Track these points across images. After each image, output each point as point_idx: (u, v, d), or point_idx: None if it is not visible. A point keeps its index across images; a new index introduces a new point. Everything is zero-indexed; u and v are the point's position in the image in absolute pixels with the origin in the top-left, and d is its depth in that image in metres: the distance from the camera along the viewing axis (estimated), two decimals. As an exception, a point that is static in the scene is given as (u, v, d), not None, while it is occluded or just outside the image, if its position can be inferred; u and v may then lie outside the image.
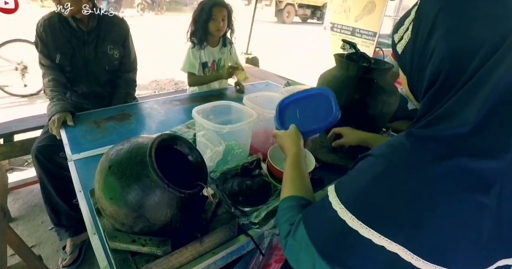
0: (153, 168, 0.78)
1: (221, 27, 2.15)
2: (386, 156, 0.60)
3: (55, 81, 1.83)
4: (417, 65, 0.63)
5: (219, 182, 1.12)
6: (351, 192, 0.62)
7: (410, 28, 0.64)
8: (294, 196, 0.82)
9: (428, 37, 0.59)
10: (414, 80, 0.66)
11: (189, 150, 0.93)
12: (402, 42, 0.67)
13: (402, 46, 0.67)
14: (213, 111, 1.28)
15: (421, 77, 0.63)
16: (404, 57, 0.67)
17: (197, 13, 2.15)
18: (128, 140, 0.93)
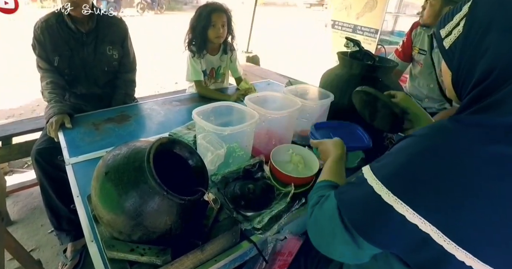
0: (151, 174, 0.75)
1: (221, 33, 2.06)
2: (428, 136, 0.60)
3: (54, 84, 1.80)
4: (467, 61, 0.63)
5: (220, 185, 1.09)
6: (389, 169, 0.61)
7: (462, 23, 0.64)
8: (331, 180, 0.86)
9: (484, 33, 0.59)
10: (461, 76, 0.65)
11: (189, 154, 0.90)
12: (451, 37, 0.66)
13: (450, 41, 0.66)
14: (214, 112, 1.25)
15: (470, 72, 0.62)
16: (451, 52, 0.66)
17: (195, 19, 2.06)
18: (126, 144, 0.90)
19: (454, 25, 0.66)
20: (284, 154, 1.26)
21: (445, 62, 0.70)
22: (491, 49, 0.57)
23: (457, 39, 0.64)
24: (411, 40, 2.32)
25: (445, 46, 0.68)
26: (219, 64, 2.27)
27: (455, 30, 0.65)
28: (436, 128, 0.61)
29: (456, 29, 0.65)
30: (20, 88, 4.80)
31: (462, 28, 0.63)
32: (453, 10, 0.68)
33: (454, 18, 0.67)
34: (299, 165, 1.24)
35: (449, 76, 0.69)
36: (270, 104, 1.45)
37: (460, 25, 0.64)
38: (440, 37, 0.69)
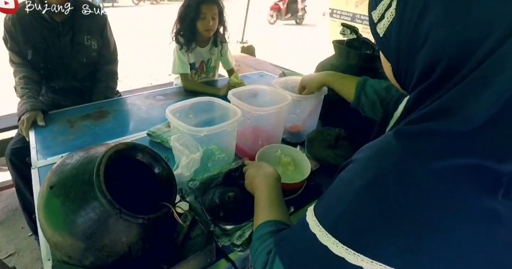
0: (101, 190, 0.62)
1: (211, 26, 1.89)
2: (373, 160, 0.49)
3: (27, 79, 1.66)
4: (405, 51, 0.52)
5: (198, 193, 0.96)
6: (332, 210, 0.51)
7: (394, 4, 0.52)
8: (272, 220, 0.70)
9: (419, 18, 0.47)
10: (401, 69, 0.55)
11: (154, 161, 0.77)
12: (384, 21, 0.54)
13: (384, 27, 0.55)
14: (193, 109, 1.11)
15: (411, 65, 0.52)
16: (387, 40, 0.55)
17: (183, 10, 1.89)
18: (81, 150, 0.77)
19: (386, 6, 0.53)
20: (272, 156, 1.13)
21: (382, 52, 0.59)
22: (429, 37, 0.46)
23: (391, 24, 0.53)
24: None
25: (379, 33, 0.56)
26: (209, 57, 2.12)
27: (387, 12, 0.53)
28: (381, 149, 0.49)
29: (389, 11, 0.53)
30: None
31: (395, 10, 0.51)
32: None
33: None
34: (289, 167, 1.12)
35: (389, 67, 0.59)
36: (258, 98, 1.32)
37: (392, 6, 0.52)
38: (373, 21, 0.57)
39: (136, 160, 0.77)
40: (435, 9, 0.45)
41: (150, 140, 1.35)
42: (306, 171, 1.05)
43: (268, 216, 0.72)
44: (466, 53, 0.43)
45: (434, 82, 0.47)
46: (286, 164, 1.10)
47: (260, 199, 0.79)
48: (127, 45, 6.85)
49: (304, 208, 1.02)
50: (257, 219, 0.74)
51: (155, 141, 1.33)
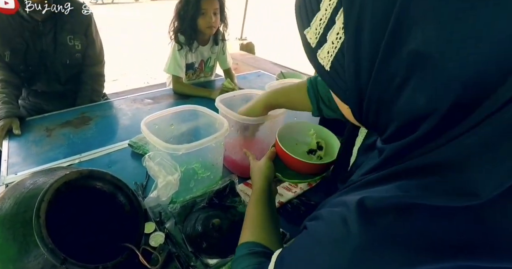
0: (40, 236, 0.49)
1: (213, 23, 1.72)
2: (324, 249, 0.37)
3: (4, 82, 1.54)
4: (373, 95, 0.35)
5: (178, 218, 0.84)
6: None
7: (339, 20, 0.34)
8: (251, 242, 0.63)
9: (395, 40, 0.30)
10: (368, 116, 0.38)
11: (118, 190, 0.64)
12: (327, 47, 0.36)
13: (329, 56, 0.37)
14: (175, 119, 0.98)
15: (384, 114, 0.36)
16: (337, 75, 0.37)
17: (182, 6, 1.72)
18: (33, 175, 0.64)
19: (326, 21, 0.36)
20: (301, 134, 0.98)
21: (331, 90, 0.41)
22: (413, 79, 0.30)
23: (339, 51, 0.35)
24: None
25: (323, 65, 0.38)
26: (210, 55, 1.97)
27: (330, 33, 0.36)
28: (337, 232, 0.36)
29: (332, 31, 0.35)
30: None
31: (342, 29, 0.34)
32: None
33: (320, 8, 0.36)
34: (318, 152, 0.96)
35: (346, 107, 0.42)
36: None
37: (337, 23, 0.34)
38: (308, 44, 0.40)
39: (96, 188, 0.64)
40: (425, 23, 0.28)
41: (132, 151, 1.22)
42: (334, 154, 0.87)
43: (251, 236, 0.65)
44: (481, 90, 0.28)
45: (424, 135, 0.32)
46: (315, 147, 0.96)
47: (248, 213, 0.72)
48: (126, 42, 6.72)
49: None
50: (241, 236, 0.68)
51: (136, 152, 1.20)
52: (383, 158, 0.38)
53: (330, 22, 0.35)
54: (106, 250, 0.60)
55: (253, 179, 0.81)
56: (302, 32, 0.40)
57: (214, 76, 2.16)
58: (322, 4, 0.36)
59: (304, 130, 0.98)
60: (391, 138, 0.37)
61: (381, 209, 0.32)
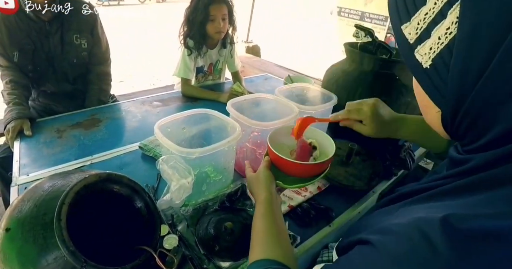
0: (62, 239, 0.50)
1: (222, 28, 1.75)
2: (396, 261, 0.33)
3: (14, 83, 1.55)
4: (480, 95, 0.32)
5: (190, 221, 0.85)
6: None
7: (453, 14, 0.32)
8: (265, 260, 0.58)
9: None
10: (464, 119, 0.36)
11: (135, 193, 0.65)
12: (430, 44, 0.35)
13: (432, 53, 0.35)
14: (187, 122, 0.99)
15: (487, 116, 0.33)
16: (436, 73, 0.35)
17: (191, 12, 1.74)
18: (50, 178, 0.65)
19: (434, 16, 0.34)
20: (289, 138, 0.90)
21: (422, 87, 0.39)
22: None
23: (447, 48, 0.34)
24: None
25: (421, 61, 0.36)
26: (218, 58, 1.99)
27: (438, 29, 0.34)
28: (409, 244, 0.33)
29: (441, 26, 0.34)
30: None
31: (456, 25, 0.32)
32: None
33: (427, 2, 0.35)
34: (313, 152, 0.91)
35: (435, 111, 0.39)
36: (261, 108, 1.19)
37: (449, 18, 0.33)
38: (405, 40, 0.38)
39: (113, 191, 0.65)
40: None
41: (143, 154, 1.23)
42: (330, 152, 0.83)
43: (263, 253, 0.60)
44: None
45: None
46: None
47: (255, 228, 0.67)
48: (132, 44, 6.76)
49: (313, 237, 0.90)
50: (251, 253, 0.63)
51: (147, 154, 1.21)
52: (470, 167, 0.36)
53: (439, 17, 0.34)
54: (123, 253, 0.61)
55: (254, 191, 0.76)
56: (399, 27, 0.38)
57: (223, 79, 2.17)
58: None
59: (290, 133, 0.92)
60: (484, 147, 0.35)
61: (470, 230, 0.30)
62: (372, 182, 1.07)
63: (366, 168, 1.12)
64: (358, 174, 1.09)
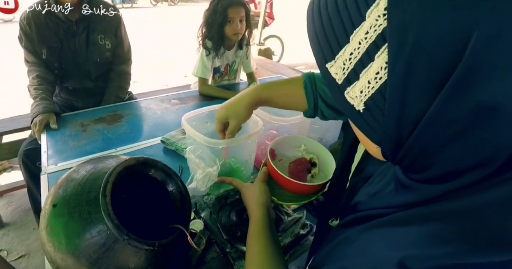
0: (107, 213, 0.55)
1: (239, 30, 1.82)
2: None
3: (41, 79, 1.63)
4: (416, 141, 0.30)
5: (213, 209, 0.89)
6: None
7: (379, 59, 0.29)
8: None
9: (463, 91, 0.25)
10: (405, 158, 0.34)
11: (168, 177, 0.70)
12: (360, 86, 0.31)
13: (363, 96, 0.31)
14: (210, 117, 1.04)
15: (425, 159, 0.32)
16: (371, 116, 0.32)
17: (210, 15, 1.81)
18: (89, 162, 0.70)
19: (359, 57, 0.30)
20: (291, 150, 0.93)
21: (362, 131, 0.36)
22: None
23: (378, 93, 0.30)
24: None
25: (353, 104, 0.33)
26: (234, 59, 2.06)
27: (367, 71, 0.30)
28: None
29: (369, 68, 0.30)
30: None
31: (387, 69, 0.29)
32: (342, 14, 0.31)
33: (354, 34, 0.30)
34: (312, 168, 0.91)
35: (374, 147, 0.37)
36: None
37: (377, 61, 0.29)
38: (333, 80, 0.34)
39: (148, 175, 0.70)
40: (506, 73, 0.24)
41: (164, 147, 1.29)
42: (329, 172, 0.82)
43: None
44: None
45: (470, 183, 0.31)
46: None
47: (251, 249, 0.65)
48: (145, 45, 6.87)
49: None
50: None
51: (169, 148, 1.27)
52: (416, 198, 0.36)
53: (366, 59, 0.30)
54: (155, 233, 0.66)
55: (249, 206, 0.74)
56: (324, 65, 0.34)
57: (238, 80, 2.23)
58: (353, 36, 0.30)
59: (293, 145, 0.93)
60: (428, 181, 0.34)
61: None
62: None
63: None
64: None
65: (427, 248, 0.31)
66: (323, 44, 0.33)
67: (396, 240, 0.34)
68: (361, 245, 0.39)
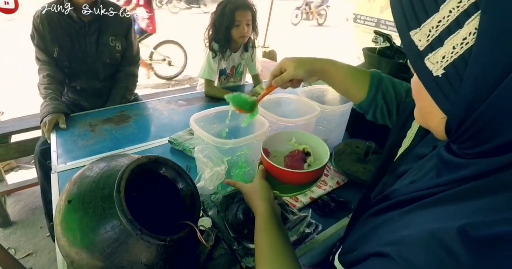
0: (121, 208, 0.57)
1: (246, 33, 1.85)
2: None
3: (51, 78, 1.66)
4: (492, 106, 0.32)
5: (220, 207, 0.91)
6: None
7: (469, 25, 0.31)
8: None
9: None
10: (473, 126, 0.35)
11: (178, 176, 0.72)
12: (443, 52, 0.34)
13: (444, 62, 0.34)
14: (217, 118, 1.07)
15: (497, 126, 0.33)
16: (447, 81, 0.34)
17: (217, 18, 1.84)
18: (102, 160, 0.73)
19: (449, 24, 0.33)
20: (283, 145, 0.93)
21: (433, 98, 0.37)
22: None
23: (461, 58, 0.33)
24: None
25: (431, 69, 0.35)
26: (240, 61, 2.09)
27: (454, 37, 0.33)
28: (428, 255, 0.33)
29: (457, 35, 0.32)
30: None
31: (474, 34, 0.31)
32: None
33: (446, 2, 0.33)
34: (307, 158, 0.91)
35: (439, 118, 0.38)
36: (284, 107, 1.26)
37: (467, 26, 0.32)
38: (415, 47, 0.36)
39: (158, 173, 0.72)
40: None
41: (172, 147, 1.31)
42: (324, 158, 0.83)
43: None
44: None
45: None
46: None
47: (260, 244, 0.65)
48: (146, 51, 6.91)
49: (334, 226, 0.96)
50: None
51: (176, 148, 1.29)
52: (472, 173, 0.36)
53: (454, 26, 0.32)
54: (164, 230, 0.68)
55: (252, 203, 0.75)
56: (407, 32, 0.36)
57: (243, 81, 2.26)
58: (444, 5, 0.33)
59: (284, 140, 0.94)
60: (487, 153, 0.35)
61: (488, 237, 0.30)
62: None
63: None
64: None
65: (486, 216, 0.32)
66: (408, 13, 0.36)
67: (451, 213, 0.35)
68: (408, 222, 0.39)
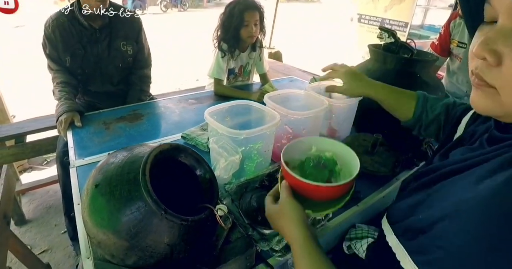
0: (147, 189, 0.62)
1: (254, 33, 1.90)
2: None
3: (64, 83, 1.70)
4: None
5: (234, 196, 0.95)
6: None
7: None
8: None
9: None
10: None
11: (196, 163, 0.77)
12: None
13: None
14: (230, 112, 1.11)
15: None
16: None
17: (226, 18, 1.90)
18: (125, 149, 0.78)
19: None
20: (304, 155, 0.83)
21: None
22: None
23: None
24: (449, 32, 2.11)
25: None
26: (248, 61, 2.14)
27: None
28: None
29: None
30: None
31: None
32: None
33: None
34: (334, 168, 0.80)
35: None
36: (292, 102, 1.30)
37: None
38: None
39: (178, 161, 0.76)
40: None
41: (184, 143, 1.36)
42: (354, 168, 0.73)
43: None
44: None
45: None
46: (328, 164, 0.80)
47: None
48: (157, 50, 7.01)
49: (343, 214, 0.99)
50: None
51: (189, 143, 1.33)
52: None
53: None
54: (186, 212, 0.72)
55: (282, 230, 0.67)
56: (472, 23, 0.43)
57: (251, 80, 2.31)
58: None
59: (303, 149, 0.83)
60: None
61: None
62: (395, 169, 1.16)
63: (390, 157, 1.21)
64: (383, 162, 1.18)
65: None
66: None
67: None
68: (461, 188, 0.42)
